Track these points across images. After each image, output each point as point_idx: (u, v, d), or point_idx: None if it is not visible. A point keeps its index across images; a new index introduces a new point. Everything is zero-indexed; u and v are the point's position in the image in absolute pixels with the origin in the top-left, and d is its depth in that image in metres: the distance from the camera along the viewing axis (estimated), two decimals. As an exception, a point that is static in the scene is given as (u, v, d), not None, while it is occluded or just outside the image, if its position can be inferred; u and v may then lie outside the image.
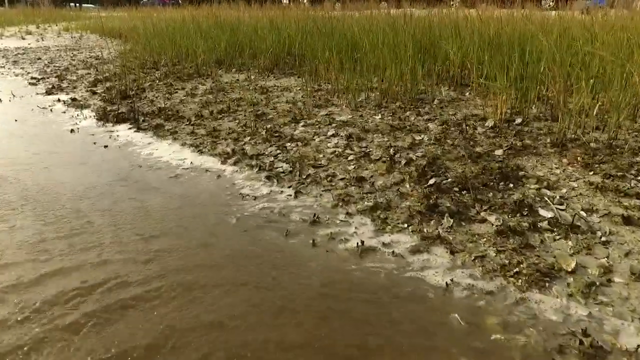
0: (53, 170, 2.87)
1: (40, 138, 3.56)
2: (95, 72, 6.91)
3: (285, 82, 5.26)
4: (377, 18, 7.28)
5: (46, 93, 5.33)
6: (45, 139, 3.55)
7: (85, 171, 2.85)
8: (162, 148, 3.25)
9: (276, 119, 3.77)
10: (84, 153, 3.18)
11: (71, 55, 9.53)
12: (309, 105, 4.14)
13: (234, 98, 4.54)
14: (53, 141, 3.48)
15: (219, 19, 8.06)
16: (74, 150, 3.28)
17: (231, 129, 3.60)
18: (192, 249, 1.92)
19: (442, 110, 3.79)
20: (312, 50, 5.85)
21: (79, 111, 4.39)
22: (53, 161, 3.04)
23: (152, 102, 4.62)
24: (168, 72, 6.24)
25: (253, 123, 3.66)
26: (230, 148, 3.14)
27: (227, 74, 5.99)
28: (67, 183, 2.64)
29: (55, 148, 3.31)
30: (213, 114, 4.03)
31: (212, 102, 4.44)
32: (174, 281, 1.69)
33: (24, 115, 4.30)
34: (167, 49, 7.39)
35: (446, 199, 2.26)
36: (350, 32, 5.91)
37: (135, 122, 3.90)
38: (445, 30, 5.61)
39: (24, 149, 3.28)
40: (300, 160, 2.88)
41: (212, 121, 3.84)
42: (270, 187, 2.53)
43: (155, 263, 1.82)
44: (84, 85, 5.84)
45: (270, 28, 7.05)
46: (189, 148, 3.23)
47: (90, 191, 2.52)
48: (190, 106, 4.36)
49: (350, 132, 3.30)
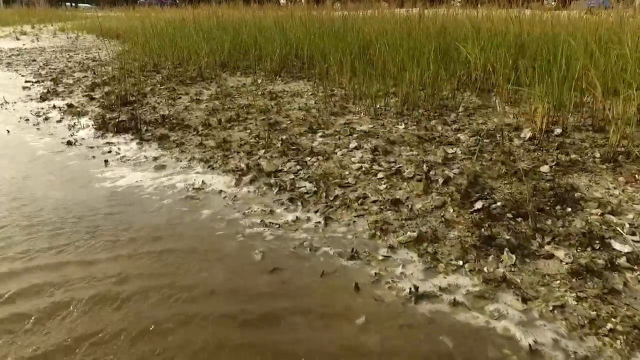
0: (49, 195, 2.55)
1: (34, 153, 3.24)
2: (92, 75, 6.57)
3: (294, 86, 4.95)
4: (385, 18, 6.98)
5: (41, 99, 4.98)
6: (39, 154, 3.22)
7: (83, 197, 2.52)
8: (168, 164, 2.93)
9: (291, 129, 3.45)
10: (83, 173, 2.85)
11: (67, 57, 9.18)
12: (324, 112, 3.83)
13: (243, 104, 4.22)
14: (48, 157, 3.15)
15: (220, 20, 7.73)
16: (71, 169, 2.95)
17: (243, 139, 3.29)
18: (214, 298, 1.60)
19: (470, 118, 3.49)
20: (321, 52, 5.54)
21: (76, 119, 4.06)
22: (48, 182, 2.72)
23: (155, 108, 4.30)
24: (170, 75, 5.90)
25: (266, 133, 3.35)
26: (244, 163, 2.83)
27: (231, 77, 5.67)
28: (63, 212, 2.32)
29: (51, 167, 2.98)
30: (221, 122, 3.71)
31: (220, 109, 4.12)
32: (198, 339, 1.39)
33: (17, 124, 3.97)
34: (168, 50, 7.05)
35: (501, 228, 1.95)
36: (361, 33, 5.60)
37: (137, 132, 3.57)
38: (460, 31, 5.32)
39: (16, 170, 2.95)
40: (324, 178, 2.57)
41: (221, 131, 3.52)
42: (295, 212, 2.21)
43: (173, 319, 1.50)
44: (81, 89, 5.50)
45: (275, 29, 6.73)
46: (198, 163, 2.91)
47: (86, 222, 2.20)
48: (196, 113, 4.04)
49: (375, 144, 3.00)
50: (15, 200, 2.41)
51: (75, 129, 3.77)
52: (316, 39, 5.86)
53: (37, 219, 2.19)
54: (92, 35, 14.58)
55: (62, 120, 4.08)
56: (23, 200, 2.41)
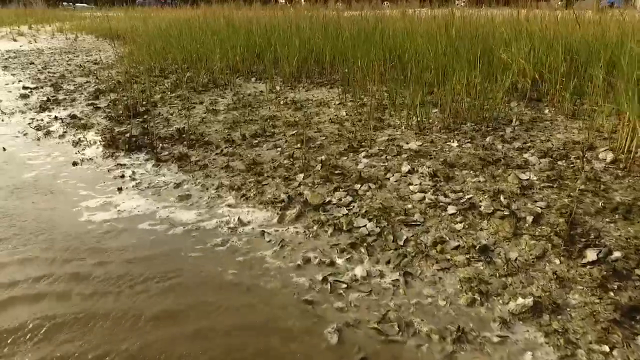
0: (49, 236, 2.09)
1: (34, 177, 2.78)
2: (95, 80, 6.09)
3: (318, 94, 4.49)
4: (408, 19, 6.54)
5: (40, 108, 4.51)
6: (40, 178, 2.76)
7: (91, 241, 2.07)
8: (193, 193, 2.47)
9: (327, 146, 3.01)
10: (91, 205, 2.39)
11: (67, 60, 8.68)
12: (360, 126, 3.39)
13: (266, 116, 3.76)
14: (50, 182, 2.69)
15: (230, 20, 7.26)
16: (77, 199, 2.49)
17: (275, 160, 2.84)
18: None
19: (529, 134, 3.05)
20: (343, 56, 5.09)
21: (82, 133, 3.60)
22: (49, 217, 2.26)
23: (168, 120, 3.84)
24: (179, 80, 5.43)
25: (300, 152, 2.90)
26: (283, 192, 2.38)
27: (246, 83, 5.21)
28: (76, 264, 1.87)
29: (53, 195, 2.53)
30: (246, 138, 3.25)
31: (241, 121, 3.66)
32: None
33: (14, 140, 3.50)
34: (176, 53, 6.58)
35: (637, 291, 1.52)
36: (386, 36, 5.15)
37: (152, 150, 3.11)
38: (492, 33, 4.88)
39: (12, 200, 2.50)
40: (385, 213, 2.12)
41: (247, 149, 3.07)
42: (362, 265, 1.77)
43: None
44: (83, 97, 5.03)
45: (289, 30, 6.27)
46: (228, 192, 2.46)
47: (94, 285, 1.75)
48: (215, 127, 3.58)
49: (432, 167, 2.56)
50: (6, 242, 1.96)
51: (81, 146, 3.30)
52: (336, 41, 5.41)
53: (30, 272, 1.74)
54: (92, 36, 14.06)
55: (66, 134, 3.61)
56: (17, 241, 1.96)
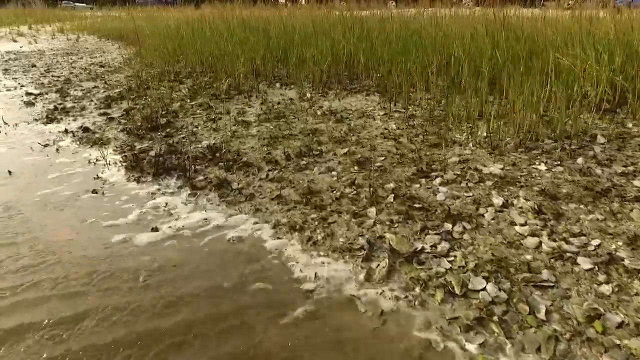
0: (69, 305, 1.61)
1: (47, 213, 2.29)
2: (103, 85, 5.58)
3: (355, 102, 4.01)
4: (431, 20, 6.06)
5: (47, 119, 4.01)
6: (53, 214, 2.27)
7: (126, 306, 1.59)
8: (247, 235, 1.99)
9: (391, 170, 2.53)
10: (123, 253, 1.91)
11: (70, 62, 8.17)
12: (419, 142, 2.91)
13: (306, 130, 3.28)
14: (67, 219, 2.21)
15: (246, 21, 6.76)
16: (104, 246, 2.01)
17: (333, 188, 2.36)
18: None
19: (624, 154, 2.59)
20: (378, 60, 4.61)
21: (97, 151, 3.11)
22: (72, 274, 1.78)
23: (195, 134, 3.35)
24: (196, 86, 4.94)
25: (361, 177, 2.43)
26: (358, 234, 1.91)
27: (270, 89, 4.72)
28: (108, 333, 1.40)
29: (73, 240, 2.04)
30: (291, 158, 2.77)
31: (279, 136, 3.18)
32: None
33: (20, 160, 3.00)
34: (190, 55, 6.08)
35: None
36: (424, 37, 4.67)
37: (183, 173, 2.63)
38: (541, 35, 4.41)
39: (20, 249, 2.01)
40: (500, 267, 1.65)
41: (295, 172, 2.59)
42: (505, 354, 1.30)
43: None
44: (93, 104, 4.53)
45: (313, 31, 5.78)
46: (290, 234, 1.97)
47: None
48: (251, 143, 3.10)
49: (529, 199, 2.09)
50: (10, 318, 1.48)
51: (98, 168, 2.81)
52: (366, 43, 4.93)
53: None
54: (94, 37, 13.52)
55: (79, 152, 3.12)
56: (23, 315, 1.48)
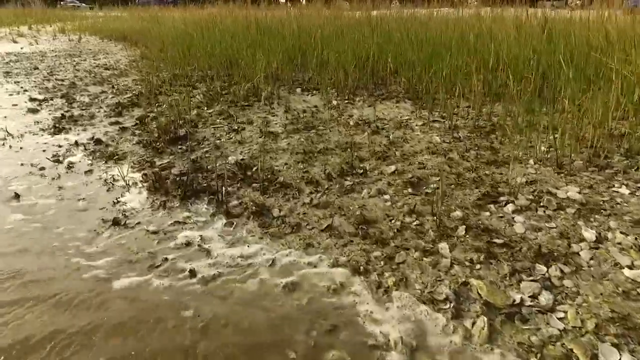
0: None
1: (62, 255, 1.96)
2: (111, 89, 5.25)
3: (386, 110, 3.69)
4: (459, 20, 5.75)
5: (55, 128, 3.67)
6: (70, 254, 1.94)
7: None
8: (304, 281, 1.66)
9: (450, 192, 2.21)
10: (159, 306, 1.59)
11: (73, 64, 7.81)
12: (472, 159, 2.60)
13: (341, 143, 2.96)
14: (87, 260, 1.88)
15: (257, 22, 6.43)
16: (135, 298, 1.69)
17: (391, 217, 2.03)
18: None
19: None
20: (407, 64, 4.30)
21: (113, 168, 2.78)
22: (97, 339, 1.46)
23: (218, 148, 3.02)
24: (212, 92, 4.62)
25: (418, 201, 2.11)
26: (436, 280, 1.59)
27: (291, 95, 4.40)
28: None
29: (95, 295, 1.72)
30: (332, 178, 2.45)
31: (313, 151, 2.85)
32: None
33: (27, 180, 2.66)
34: (201, 58, 5.75)
35: None
36: (452, 39, 4.36)
37: (214, 197, 2.30)
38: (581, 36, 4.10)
39: (33, 307, 1.69)
40: (626, 328, 1.34)
41: (341, 196, 2.26)
42: None
43: None
44: (103, 112, 4.19)
45: (330, 33, 5.46)
46: (353, 276, 1.65)
47: None
48: (283, 158, 2.77)
49: (625, 232, 1.78)
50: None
51: (117, 190, 2.48)
52: (392, 45, 4.61)
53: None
54: (96, 37, 13.16)
55: (93, 169, 2.79)
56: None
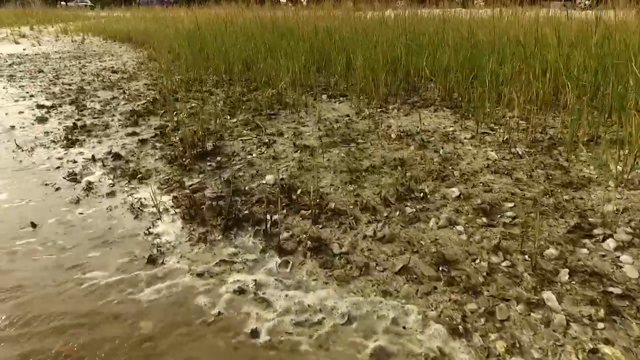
0: None
1: (95, 325, 1.65)
2: (123, 95, 4.93)
3: (424, 119, 3.38)
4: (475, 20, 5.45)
5: (67, 140, 3.35)
6: (106, 314, 1.64)
7: None
8: (391, 347, 1.35)
9: (531, 223, 1.91)
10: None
11: (79, 66, 7.49)
12: (543, 180, 2.30)
13: (389, 159, 2.65)
14: (130, 318, 1.58)
15: (275, 23, 6.11)
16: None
17: (473, 255, 1.73)
18: None
19: None
20: (441, 68, 4.00)
21: (138, 189, 2.46)
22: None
23: (252, 165, 2.71)
24: (231, 98, 4.31)
25: (498, 234, 1.81)
26: (555, 344, 1.29)
27: (317, 102, 4.09)
28: None
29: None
30: (390, 203, 2.14)
31: (359, 169, 2.55)
32: None
33: (44, 206, 2.35)
34: (215, 61, 5.43)
35: None
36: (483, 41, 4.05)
37: (260, 229, 1.99)
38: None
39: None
40: None
41: (406, 226, 1.95)
42: None
43: None
44: (117, 120, 3.88)
45: (351, 35, 5.15)
46: (453, 340, 1.35)
47: None
48: (327, 178, 2.46)
49: None
50: None
51: (145, 217, 2.17)
52: (422, 48, 4.31)
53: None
54: (99, 38, 12.82)
55: (115, 191, 2.47)
56: None
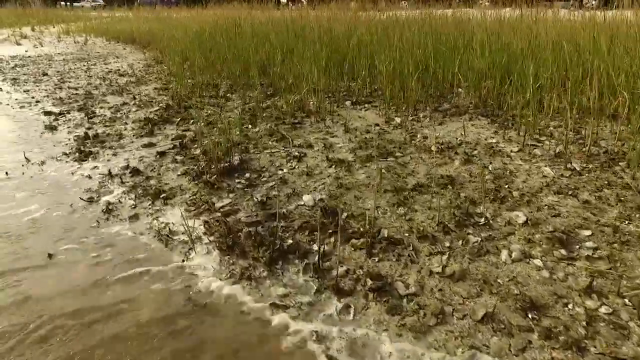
0: None
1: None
2: (132, 100, 4.68)
3: (460, 129, 3.14)
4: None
5: (80, 153, 3.09)
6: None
7: None
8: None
9: (620, 257, 1.67)
10: None
11: (84, 69, 7.23)
12: (613, 201, 2.06)
13: (436, 177, 2.40)
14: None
15: (290, 24, 5.86)
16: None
17: (563, 298, 1.49)
18: None
19: None
20: (473, 73, 3.76)
21: (164, 212, 2.21)
22: None
23: (285, 182, 2.46)
24: (249, 105, 4.06)
25: (583, 270, 1.57)
26: None
27: (340, 109, 3.85)
28: None
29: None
30: (449, 230, 1.90)
31: (404, 188, 2.30)
32: None
33: (60, 231, 2.10)
34: (228, 65, 5.18)
35: None
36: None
37: (309, 262, 1.75)
38: None
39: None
40: None
41: (474, 259, 1.71)
42: None
43: None
44: (130, 129, 3.62)
45: (369, 38, 4.91)
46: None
47: None
48: (370, 199, 2.21)
49: None
50: None
51: (176, 246, 1.92)
52: (450, 52, 4.07)
53: None
54: (102, 39, 12.53)
55: (139, 214, 2.21)
56: None
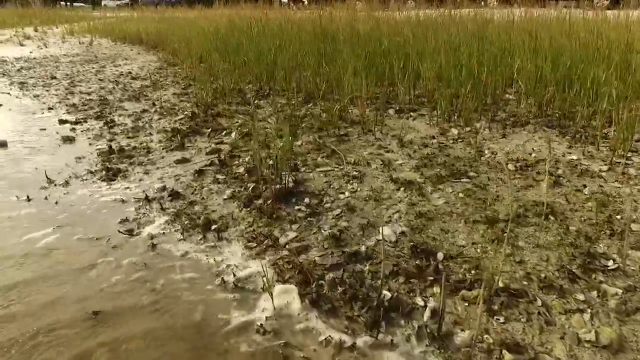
0: None
1: None
2: (152, 106, 4.32)
3: (528, 143, 2.79)
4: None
5: (106, 171, 2.72)
6: None
7: None
8: None
9: None
10: None
11: (93, 72, 6.85)
12: None
13: (525, 202, 2.06)
14: None
15: (317, 26, 5.50)
16: None
17: None
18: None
19: None
20: (531, 80, 3.42)
21: (216, 248, 1.86)
22: None
23: (353, 210, 2.10)
24: (284, 113, 3.70)
25: None
26: None
27: (385, 118, 3.50)
28: None
29: None
30: (575, 277, 1.55)
31: (497, 219, 1.96)
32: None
33: (101, 280, 1.74)
34: (257, 68, 4.82)
35: None
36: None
37: (417, 322, 1.40)
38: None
39: None
40: None
41: (626, 321, 1.37)
42: None
43: None
44: (157, 141, 3.26)
45: (401, 39, 4.56)
46: None
47: None
48: (459, 231, 1.87)
49: None
50: None
51: (243, 294, 1.57)
52: (498, 56, 3.73)
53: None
54: (107, 40, 12.13)
55: (189, 252, 1.86)
56: None
